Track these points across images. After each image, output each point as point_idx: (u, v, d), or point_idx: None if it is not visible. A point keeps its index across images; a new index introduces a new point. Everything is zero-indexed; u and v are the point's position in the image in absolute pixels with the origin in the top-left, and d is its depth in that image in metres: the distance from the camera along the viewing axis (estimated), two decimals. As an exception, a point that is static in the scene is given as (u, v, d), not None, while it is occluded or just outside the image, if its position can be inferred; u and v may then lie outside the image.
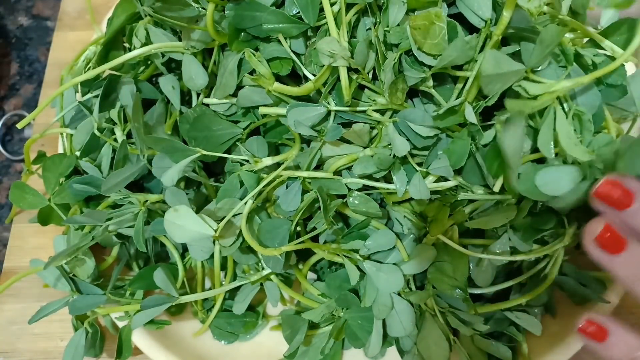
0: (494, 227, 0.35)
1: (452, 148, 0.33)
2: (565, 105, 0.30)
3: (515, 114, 0.28)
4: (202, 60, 0.38)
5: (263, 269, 0.40)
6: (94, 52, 0.44)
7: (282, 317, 0.41)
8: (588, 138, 0.30)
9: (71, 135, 0.43)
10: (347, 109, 0.34)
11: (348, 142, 0.36)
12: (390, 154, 0.33)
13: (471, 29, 0.32)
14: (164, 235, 0.41)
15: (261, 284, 0.41)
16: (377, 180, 0.35)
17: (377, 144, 0.34)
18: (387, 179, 0.35)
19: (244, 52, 0.35)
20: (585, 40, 0.35)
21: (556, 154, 0.30)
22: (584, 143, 0.30)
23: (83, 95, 0.41)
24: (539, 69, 0.31)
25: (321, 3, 0.32)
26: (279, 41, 0.34)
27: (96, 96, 0.39)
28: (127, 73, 0.41)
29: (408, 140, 0.33)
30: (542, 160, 0.32)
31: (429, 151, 0.33)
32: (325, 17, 0.32)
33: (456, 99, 0.32)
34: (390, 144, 0.33)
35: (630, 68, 0.41)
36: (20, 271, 0.39)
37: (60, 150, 0.44)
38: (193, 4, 0.35)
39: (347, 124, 0.34)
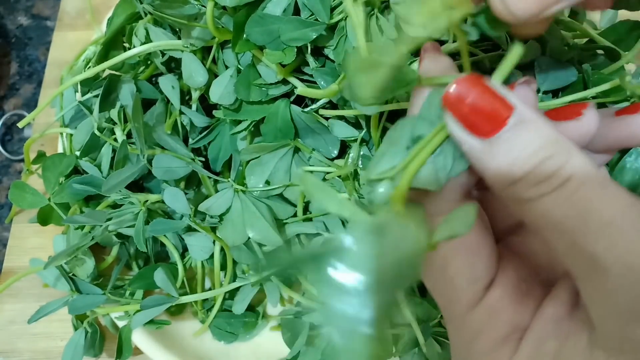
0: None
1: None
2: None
3: None
4: (201, 58, 0.38)
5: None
6: (93, 52, 0.44)
7: (281, 321, 0.41)
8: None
9: (71, 135, 0.43)
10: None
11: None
12: None
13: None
14: (164, 235, 0.41)
15: (261, 284, 0.41)
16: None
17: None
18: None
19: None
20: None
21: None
22: None
23: (83, 95, 0.41)
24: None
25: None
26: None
27: (96, 96, 0.39)
28: (127, 73, 0.41)
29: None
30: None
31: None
32: (338, 15, 0.32)
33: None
34: None
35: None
36: (20, 271, 0.39)
37: (60, 150, 0.44)
38: (193, 1, 0.35)
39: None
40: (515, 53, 0.19)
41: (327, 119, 0.37)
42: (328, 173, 0.37)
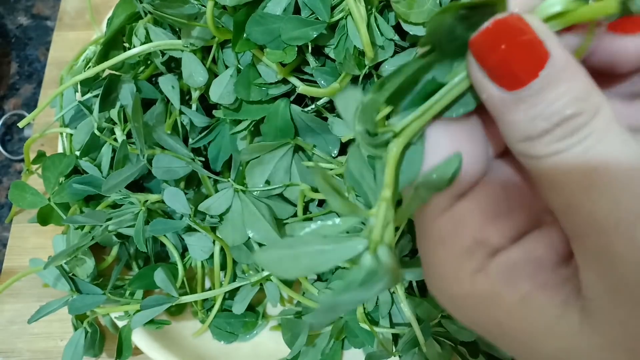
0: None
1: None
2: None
3: None
4: (201, 57, 0.38)
5: (263, 269, 0.40)
6: (93, 51, 0.43)
7: (282, 321, 0.41)
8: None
9: (71, 135, 0.43)
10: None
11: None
12: None
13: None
14: (164, 235, 0.41)
15: (261, 284, 0.41)
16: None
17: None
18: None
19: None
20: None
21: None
22: None
23: (83, 95, 0.41)
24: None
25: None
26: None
27: (96, 96, 0.39)
28: (127, 73, 0.41)
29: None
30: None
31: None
32: (338, 14, 0.32)
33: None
34: None
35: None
36: (20, 271, 0.39)
37: (60, 150, 0.44)
38: (193, 1, 0.35)
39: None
40: None
41: (325, 119, 0.37)
42: (329, 171, 0.37)
